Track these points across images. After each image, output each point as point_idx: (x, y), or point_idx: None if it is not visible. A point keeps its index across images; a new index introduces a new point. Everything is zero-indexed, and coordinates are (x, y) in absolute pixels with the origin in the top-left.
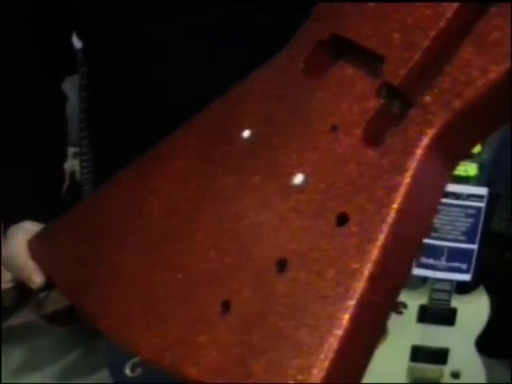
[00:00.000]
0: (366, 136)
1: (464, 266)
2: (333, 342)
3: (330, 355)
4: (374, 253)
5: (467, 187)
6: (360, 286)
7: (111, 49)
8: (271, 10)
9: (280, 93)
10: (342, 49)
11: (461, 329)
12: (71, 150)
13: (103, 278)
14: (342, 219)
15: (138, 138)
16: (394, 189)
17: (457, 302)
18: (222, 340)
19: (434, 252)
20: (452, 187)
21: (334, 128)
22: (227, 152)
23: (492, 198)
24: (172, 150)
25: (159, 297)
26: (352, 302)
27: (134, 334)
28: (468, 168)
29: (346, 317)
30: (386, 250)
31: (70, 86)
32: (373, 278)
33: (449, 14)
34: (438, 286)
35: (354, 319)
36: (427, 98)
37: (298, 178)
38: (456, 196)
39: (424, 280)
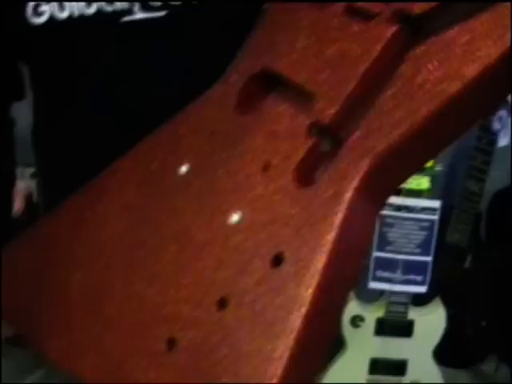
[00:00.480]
0: (297, 176)
1: (419, 278)
2: (271, 376)
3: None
4: (309, 293)
5: (420, 200)
6: (296, 325)
7: (58, 73)
8: (209, 39)
9: (214, 128)
10: (275, 84)
11: (418, 340)
12: (29, 170)
13: (52, 309)
14: (278, 259)
15: (83, 159)
16: (326, 229)
17: (414, 313)
18: (167, 376)
19: (390, 265)
20: (405, 201)
21: (266, 166)
22: (165, 188)
23: (446, 210)
24: (114, 182)
25: (108, 328)
26: (290, 340)
27: (80, 364)
28: (420, 181)
29: (285, 354)
30: (320, 290)
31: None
32: (308, 317)
33: (375, 53)
34: (394, 298)
35: (292, 356)
36: (356, 138)
37: (234, 218)
38: (409, 209)
39: (381, 293)
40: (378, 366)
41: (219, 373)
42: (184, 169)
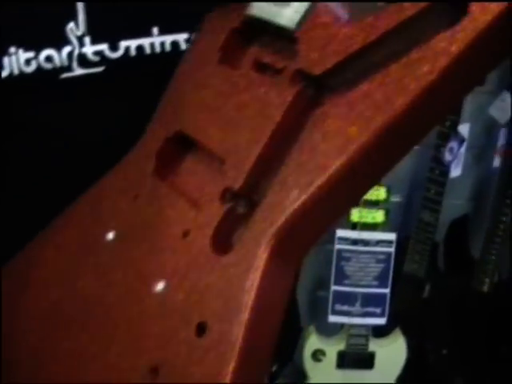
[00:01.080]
0: (214, 243)
1: (378, 310)
2: None
3: None
4: (233, 361)
5: (376, 233)
6: None
7: None
8: (145, 93)
9: (137, 192)
10: (190, 146)
11: (380, 371)
12: None
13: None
14: (202, 328)
15: (21, 212)
16: (244, 296)
17: (374, 345)
18: None
19: (348, 299)
20: (361, 234)
21: (186, 233)
22: (95, 256)
23: (403, 241)
24: (49, 248)
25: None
26: None
27: None
28: (375, 215)
29: None
30: (243, 357)
31: None
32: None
33: (279, 116)
34: (354, 331)
35: None
36: (268, 200)
37: (159, 286)
38: (365, 243)
39: (341, 326)
40: None
41: None
42: (111, 236)
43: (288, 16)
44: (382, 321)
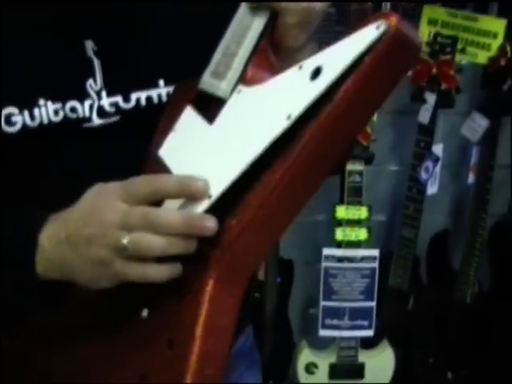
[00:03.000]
0: None
1: (366, 323)
2: None
3: None
4: (192, 366)
5: (360, 250)
6: None
7: (23, 173)
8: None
9: None
10: None
11: (370, 381)
12: None
13: None
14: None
15: None
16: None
17: (364, 356)
18: None
19: (337, 313)
20: (346, 252)
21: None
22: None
23: (386, 257)
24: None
25: None
26: None
27: None
28: (358, 233)
29: None
30: (200, 362)
31: None
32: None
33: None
34: (344, 343)
35: None
36: None
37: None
38: (350, 260)
39: (331, 340)
40: None
41: None
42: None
43: (223, 88)
44: (369, 333)
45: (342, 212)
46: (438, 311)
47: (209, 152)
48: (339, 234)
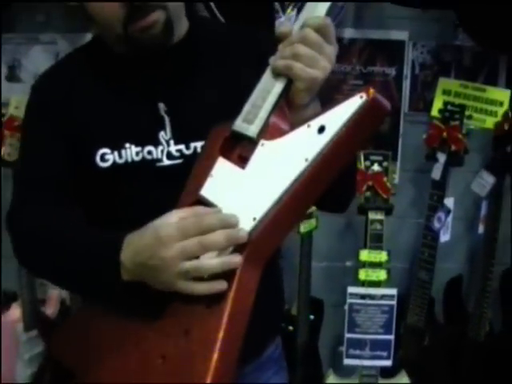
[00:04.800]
0: None
1: (385, 354)
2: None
3: None
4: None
5: (380, 289)
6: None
7: (105, 204)
8: None
9: None
10: None
11: None
12: None
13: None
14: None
15: None
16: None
17: None
18: None
19: (359, 344)
20: (368, 290)
21: None
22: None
23: (404, 298)
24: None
25: None
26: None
27: None
28: (379, 274)
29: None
30: (230, 318)
31: None
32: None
33: None
34: (365, 372)
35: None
36: None
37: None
38: (371, 297)
39: (354, 368)
40: None
41: None
42: None
43: (252, 130)
44: (388, 363)
45: (364, 255)
46: (452, 348)
47: (245, 189)
48: (362, 274)
